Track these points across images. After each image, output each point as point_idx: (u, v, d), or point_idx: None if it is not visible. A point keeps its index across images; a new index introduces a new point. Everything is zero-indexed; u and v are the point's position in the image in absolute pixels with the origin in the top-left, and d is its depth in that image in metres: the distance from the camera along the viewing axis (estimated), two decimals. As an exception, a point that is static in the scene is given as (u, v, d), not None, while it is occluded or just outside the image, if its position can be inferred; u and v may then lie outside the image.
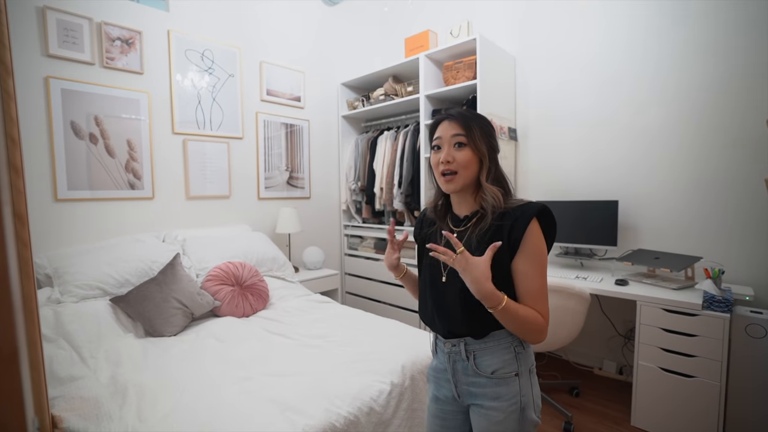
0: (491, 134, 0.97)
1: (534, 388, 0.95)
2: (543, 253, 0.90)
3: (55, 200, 2.10)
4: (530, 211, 0.89)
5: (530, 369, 0.95)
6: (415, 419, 1.47)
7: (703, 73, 2.11)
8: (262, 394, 1.30)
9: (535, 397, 0.95)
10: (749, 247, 2.01)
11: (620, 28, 2.37)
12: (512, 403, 0.91)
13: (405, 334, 1.83)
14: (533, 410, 0.94)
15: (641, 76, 2.31)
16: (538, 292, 0.88)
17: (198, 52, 2.59)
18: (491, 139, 0.97)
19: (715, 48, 2.06)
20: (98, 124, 2.22)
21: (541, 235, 0.90)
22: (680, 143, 2.20)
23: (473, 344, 0.94)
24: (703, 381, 1.73)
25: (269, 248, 2.65)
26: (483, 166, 0.95)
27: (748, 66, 1.97)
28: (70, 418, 1.14)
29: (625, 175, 2.40)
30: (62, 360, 1.51)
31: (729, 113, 2.04)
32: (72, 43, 2.11)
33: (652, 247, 2.30)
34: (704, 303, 1.75)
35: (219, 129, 2.73)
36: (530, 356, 0.96)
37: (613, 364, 2.50)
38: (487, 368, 0.93)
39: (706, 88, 2.10)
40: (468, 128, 0.94)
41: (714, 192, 2.11)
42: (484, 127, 0.96)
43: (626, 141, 2.39)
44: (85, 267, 1.94)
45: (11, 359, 0.26)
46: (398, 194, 2.91)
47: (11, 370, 0.27)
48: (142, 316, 1.85)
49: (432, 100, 2.82)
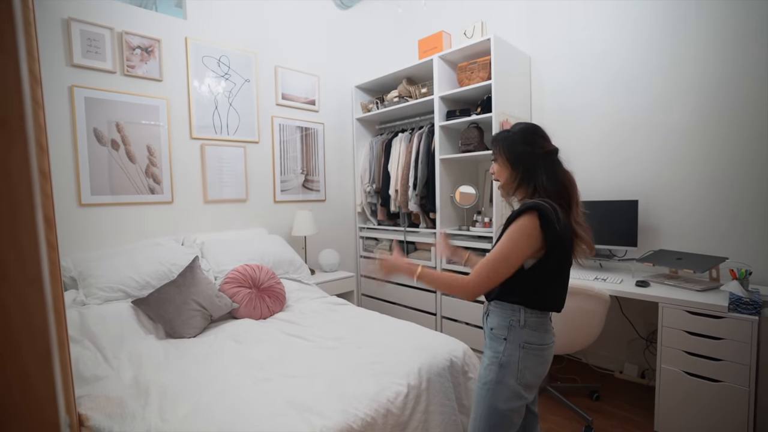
0: (513, 146, 1.18)
1: (522, 361, 1.12)
2: (510, 237, 1.07)
3: (79, 205, 2.17)
4: (520, 209, 1.09)
5: (521, 344, 1.12)
6: (432, 422, 1.46)
7: (729, 65, 2.04)
8: (280, 395, 1.32)
9: (522, 368, 1.12)
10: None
11: (639, 22, 2.32)
12: (494, 356, 1.15)
13: (421, 336, 1.82)
14: (515, 377, 1.12)
15: (662, 70, 2.25)
16: (485, 262, 1.09)
17: (214, 58, 2.65)
18: (513, 150, 1.18)
19: (741, 38, 2.00)
20: (119, 131, 2.28)
21: (526, 225, 1.06)
22: (704, 140, 2.14)
23: (489, 305, 1.22)
24: (731, 386, 1.67)
25: (285, 251, 2.67)
26: (511, 174, 1.19)
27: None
28: (95, 416, 1.17)
29: (646, 174, 2.34)
30: (87, 360, 1.55)
31: (756, 107, 1.97)
32: (95, 52, 2.18)
33: (673, 247, 2.23)
34: (730, 305, 1.69)
35: (235, 133, 2.77)
36: (526, 334, 1.13)
37: (635, 368, 2.43)
38: (490, 324, 1.20)
39: (732, 82, 2.04)
40: (495, 144, 1.23)
41: (740, 190, 2.03)
42: (507, 139, 1.20)
43: (647, 139, 2.33)
44: (107, 270, 2.00)
45: (46, 358, 0.27)
46: (413, 196, 2.90)
47: (46, 368, 0.28)
48: (162, 318, 1.89)
49: (446, 101, 2.81)
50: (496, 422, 1.13)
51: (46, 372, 0.28)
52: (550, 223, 1.05)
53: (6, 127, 0.25)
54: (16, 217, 0.27)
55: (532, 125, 1.21)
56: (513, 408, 1.12)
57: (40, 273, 0.28)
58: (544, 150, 1.15)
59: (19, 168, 0.26)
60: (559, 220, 1.06)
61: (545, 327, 1.15)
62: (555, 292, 1.15)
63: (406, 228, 3.05)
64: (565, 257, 1.13)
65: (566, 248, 1.12)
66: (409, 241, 3.06)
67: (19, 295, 0.27)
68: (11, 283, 0.27)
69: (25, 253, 0.27)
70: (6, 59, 0.25)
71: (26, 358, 0.27)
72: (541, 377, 1.17)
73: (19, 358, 0.27)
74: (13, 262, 0.27)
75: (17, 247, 0.27)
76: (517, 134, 1.19)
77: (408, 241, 3.06)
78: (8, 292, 0.27)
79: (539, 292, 1.12)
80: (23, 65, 0.27)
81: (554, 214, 1.06)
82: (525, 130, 1.19)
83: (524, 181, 1.17)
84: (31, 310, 0.28)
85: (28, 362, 0.28)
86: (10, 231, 0.27)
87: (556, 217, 1.06)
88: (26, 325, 0.28)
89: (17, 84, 0.26)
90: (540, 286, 1.12)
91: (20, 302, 0.27)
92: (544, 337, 1.14)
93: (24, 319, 0.28)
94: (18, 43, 0.26)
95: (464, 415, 1.59)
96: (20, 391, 0.27)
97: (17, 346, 0.27)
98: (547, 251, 1.08)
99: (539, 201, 1.09)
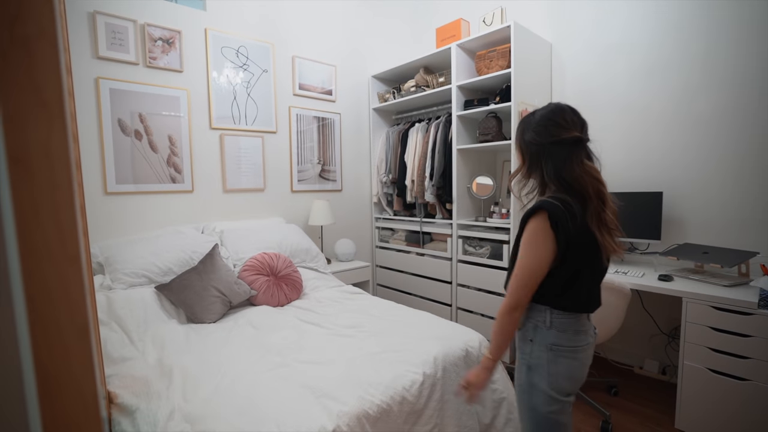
0: (525, 132, 1.12)
1: (551, 364, 1.05)
2: (528, 245, 1.02)
3: (105, 193, 2.24)
4: (529, 210, 1.04)
5: (549, 345, 1.06)
6: (447, 410, 1.47)
7: (760, 53, 1.94)
8: (297, 380, 1.35)
9: (552, 372, 1.05)
10: (812, 241, 1.85)
11: (666, 8, 2.22)
12: (522, 357, 1.12)
13: (437, 326, 1.83)
14: (546, 381, 1.05)
15: (691, 58, 2.16)
16: (513, 278, 1.05)
17: (233, 49, 2.67)
18: (524, 136, 1.12)
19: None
20: (142, 121, 2.34)
21: (539, 229, 1.01)
22: (733, 130, 2.05)
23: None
24: (758, 385, 1.62)
25: (302, 240, 2.71)
26: (521, 163, 1.14)
27: (816, 44, 1.80)
28: (123, 394, 1.22)
29: (671, 166, 2.26)
30: (115, 342, 1.62)
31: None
32: (119, 44, 2.23)
33: (699, 241, 2.16)
34: (761, 301, 1.63)
35: (254, 124, 2.80)
36: (554, 336, 1.06)
37: (656, 364, 2.39)
38: (523, 323, 1.13)
39: (764, 70, 1.94)
40: (518, 129, 1.15)
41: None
42: (523, 123, 1.13)
43: (673, 129, 2.25)
44: (132, 256, 2.07)
45: (84, 331, 0.29)
46: (430, 186, 2.89)
47: (84, 340, 0.29)
48: (184, 303, 1.95)
49: (464, 90, 2.77)
50: (540, 423, 1.08)
51: (84, 345, 0.29)
52: (560, 224, 0.98)
53: (48, 109, 0.26)
54: (57, 199, 0.29)
55: (555, 109, 1.08)
56: (553, 411, 1.06)
57: (78, 252, 0.30)
58: (555, 138, 1.04)
59: (59, 151, 0.27)
60: (573, 218, 0.98)
61: (576, 328, 1.06)
62: (581, 293, 1.06)
63: (422, 218, 3.05)
64: (587, 257, 1.04)
65: (586, 248, 1.02)
66: (425, 232, 3.06)
67: (61, 271, 0.29)
68: (53, 261, 0.28)
69: (66, 233, 0.29)
70: (47, 45, 0.26)
71: (66, 331, 0.29)
72: (578, 382, 1.09)
73: (60, 331, 0.29)
74: (54, 241, 0.28)
75: (59, 227, 0.28)
76: (535, 118, 1.10)
77: (424, 231, 3.05)
78: (50, 269, 0.28)
79: (563, 293, 1.04)
80: (62, 56, 0.28)
81: (566, 212, 0.98)
82: (542, 115, 1.09)
83: (531, 171, 1.11)
84: (71, 286, 0.30)
85: (68, 335, 0.29)
86: (52, 213, 0.28)
87: (568, 215, 0.98)
88: (66, 300, 0.29)
89: (57, 70, 0.27)
90: (562, 287, 1.04)
91: (61, 279, 0.29)
92: (574, 339, 1.06)
93: (64, 294, 0.29)
94: (57, 31, 0.27)
95: (479, 404, 1.59)
96: (62, 362, 0.29)
97: (58, 319, 0.29)
98: (562, 254, 1.01)
99: (548, 199, 1.02)
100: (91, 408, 0.30)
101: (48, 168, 0.28)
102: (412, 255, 3.15)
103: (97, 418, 0.31)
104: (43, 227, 0.28)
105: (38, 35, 0.26)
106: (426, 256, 3.04)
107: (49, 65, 0.26)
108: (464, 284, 2.78)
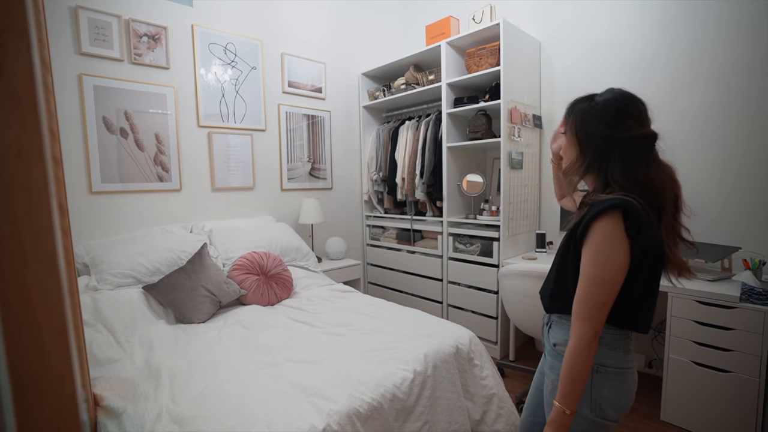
0: (588, 121, 0.92)
1: (597, 388, 0.89)
2: (599, 253, 0.83)
3: (90, 193, 2.20)
4: (596, 208, 0.83)
5: (594, 366, 0.89)
6: (438, 407, 1.48)
7: (745, 52, 1.98)
8: (287, 380, 1.34)
9: (597, 397, 0.89)
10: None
11: (652, 6, 2.25)
12: (558, 379, 0.91)
13: (427, 323, 1.83)
14: (588, 407, 0.89)
15: (676, 57, 2.20)
16: (576, 302, 0.86)
17: (221, 46, 2.64)
18: (586, 126, 0.92)
19: (757, 24, 1.94)
20: (128, 119, 2.30)
21: (612, 232, 0.81)
22: (717, 127, 2.09)
23: (552, 316, 1.02)
24: (740, 376, 1.67)
25: (293, 238, 2.69)
26: (578, 156, 0.93)
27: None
28: (110, 397, 1.20)
29: (657, 163, 2.30)
30: (101, 343, 1.59)
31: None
32: (102, 40, 2.18)
33: (685, 237, 2.20)
34: (743, 295, 1.67)
35: (242, 121, 2.78)
36: (601, 354, 0.89)
37: (641, 357, 2.43)
38: (553, 339, 0.99)
39: (748, 69, 1.98)
40: (568, 113, 0.97)
41: (753, 179, 1.99)
42: (584, 111, 0.93)
43: (659, 125, 2.28)
44: (118, 256, 2.03)
45: (62, 334, 0.28)
46: (420, 184, 2.89)
47: (62, 344, 0.29)
48: (172, 304, 1.93)
49: (454, 88, 2.78)
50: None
51: (62, 348, 0.29)
52: (641, 229, 0.81)
53: (19, 105, 0.25)
54: (31, 199, 0.28)
55: (627, 97, 0.93)
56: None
57: (55, 254, 0.29)
58: (630, 134, 0.88)
59: (33, 149, 0.26)
60: (651, 223, 0.83)
61: (625, 346, 0.91)
62: (641, 307, 0.89)
63: (413, 216, 3.05)
64: (658, 267, 0.89)
65: (659, 262, 0.88)
66: (415, 230, 3.06)
67: (36, 274, 0.28)
68: (29, 264, 0.28)
69: (41, 235, 0.28)
70: (17, 41, 0.25)
71: (44, 334, 0.28)
72: (624, 409, 0.92)
73: (37, 334, 0.28)
74: (29, 244, 0.28)
75: (34, 229, 0.28)
76: (598, 106, 0.92)
77: (415, 229, 3.06)
78: (26, 272, 0.28)
79: (621, 305, 0.86)
80: (34, 50, 0.28)
81: (646, 215, 0.82)
82: (611, 103, 0.91)
83: (591, 169, 0.91)
84: (48, 289, 0.29)
85: (46, 338, 0.29)
86: (26, 213, 0.28)
87: (648, 219, 0.82)
88: (43, 303, 0.29)
89: (29, 66, 0.26)
90: (622, 299, 0.86)
91: (37, 281, 0.28)
92: (623, 359, 0.90)
93: (41, 297, 0.28)
94: (29, 26, 0.26)
95: (469, 401, 1.61)
96: (39, 365, 0.28)
97: (35, 322, 0.28)
98: (633, 264, 0.84)
99: (624, 196, 0.83)
100: (70, 411, 0.30)
101: (21, 167, 0.27)
102: (402, 253, 3.16)
103: (76, 421, 0.30)
104: (16, 228, 0.27)
105: (7, 28, 0.25)
106: (417, 253, 3.05)
107: (20, 59, 0.26)
108: (455, 281, 2.80)
